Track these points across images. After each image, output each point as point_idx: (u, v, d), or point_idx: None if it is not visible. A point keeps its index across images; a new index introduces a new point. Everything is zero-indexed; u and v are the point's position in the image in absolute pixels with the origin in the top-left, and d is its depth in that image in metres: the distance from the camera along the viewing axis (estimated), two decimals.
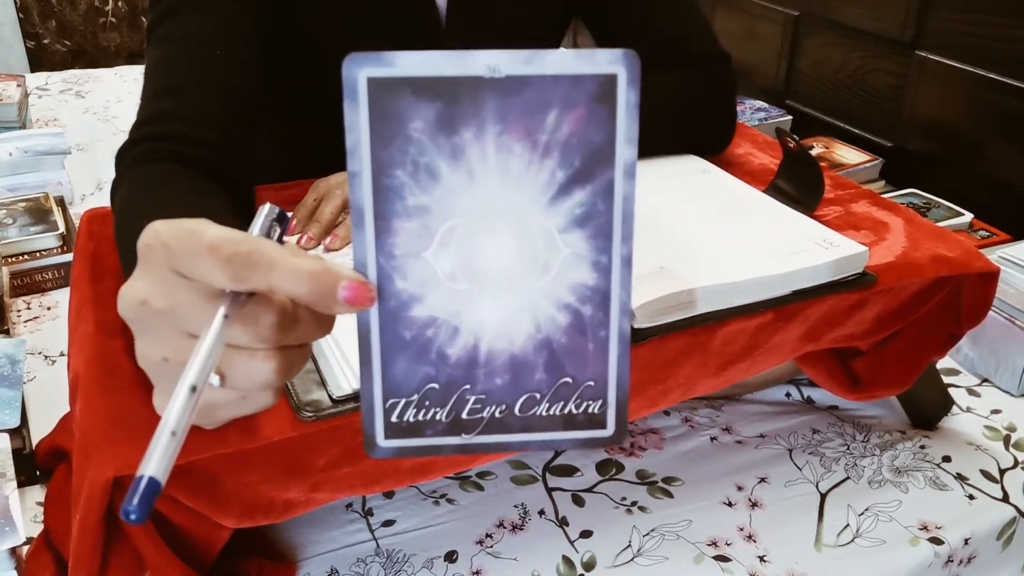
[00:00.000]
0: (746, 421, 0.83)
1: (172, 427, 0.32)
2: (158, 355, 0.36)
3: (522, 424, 0.39)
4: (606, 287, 0.37)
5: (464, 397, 0.38)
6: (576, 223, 0.36)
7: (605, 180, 0.35)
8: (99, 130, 1.56)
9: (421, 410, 0.38)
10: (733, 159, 0.89)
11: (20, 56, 2.78)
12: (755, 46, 1.79)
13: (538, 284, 0.37)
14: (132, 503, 0.30)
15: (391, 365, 0.37)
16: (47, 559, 0.62)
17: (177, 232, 0.34)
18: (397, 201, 0.35)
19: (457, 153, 0.35)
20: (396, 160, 0.35)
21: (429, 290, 0.36)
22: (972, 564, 0.73)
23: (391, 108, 0.34)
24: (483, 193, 0.35)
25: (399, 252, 0.36)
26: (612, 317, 0.37)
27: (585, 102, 0.34)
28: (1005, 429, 0.84)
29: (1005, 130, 1.30)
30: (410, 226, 0.36)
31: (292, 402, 0.54)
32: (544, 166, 0.35)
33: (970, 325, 0.74)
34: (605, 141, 0.35)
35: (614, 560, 0.68)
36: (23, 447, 0.73)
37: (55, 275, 1.03)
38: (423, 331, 0.37)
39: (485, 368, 0.38)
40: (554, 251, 0.36)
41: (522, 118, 0.34)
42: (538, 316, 0.37)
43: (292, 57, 0.82)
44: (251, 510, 0.54)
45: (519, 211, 0.36)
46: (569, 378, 0.38)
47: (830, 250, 0.66)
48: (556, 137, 0.35)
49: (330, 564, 0.66)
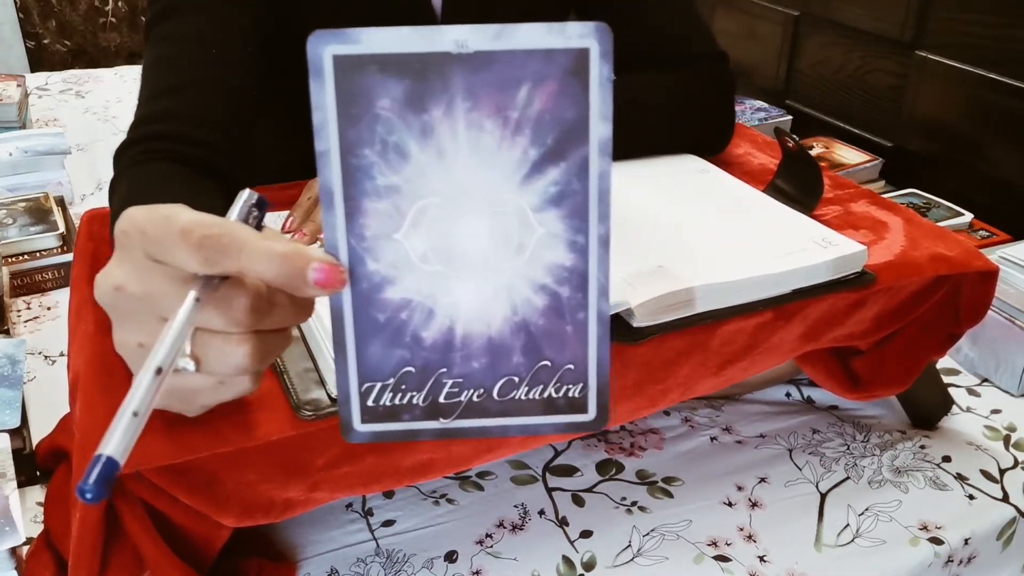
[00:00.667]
0: (746, 421, 0.83)
1: (134, 407, 0.32)
2: (134, 341, 0.36)
3: (501, 408, 0.38)
4: (584, 268, 0.36)
5: (441, 381, 0.37)
6: (551, 202, 0.35)
7: (579, 157, 0.35)
8: (99, 130, 1.56)
9: (397, 394, 0.37)
10: (732, 159, 0.89)
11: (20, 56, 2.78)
12: (755, 46, 1.79)
13: (513, 265, 0.36)
14: (88, 482, 0.30)
15: (366, 348, 0.37)
16: (47, 559, 0.62)
17: (152, 217, 0.35)
18: (367, 181, 0.35)
19: (427, 131, 0.34)
20: (364, 139, 0.34)
21: (402, 272, 0.36)
22: (972, 564, 0.73)
23: (358, 86, 0.33)
24: (454, 172, 0.34)
25: (370, 233, 0.35)
26: (590, 299, 0.36)
27: (557, 77, 0.34)
28: (1005, 429, 0.84)
29: (1005, 130, 1.30)
30: (380, 206, 0.35)
31: (291, 401, 0.55)
32: (516, 143, 0.34)
33: (969, 325, 0.74)
34: (579, 117, 0.34)
35: (614, 560, 0.68)
36: (23, 447, 0.73)
37: (55, 275, 1.03)
38: (397, 314, 0.36)
39: (461, 351, 0.37)
40: (529, 231, 0.35)
41: (492, 94, 0.34)
42: (514, 298, 0.36)
43: (291, 56, 0.82)
44: (250, 509, 0.54)
45: (492, 190, 0.35)
46: (548, 361, 0.37)
47: (829, 249, 0.66)
48: (528, 113, 0.34)
49: (330, 564, 0.66)
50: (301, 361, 0.57)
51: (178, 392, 0.36)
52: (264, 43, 0.75)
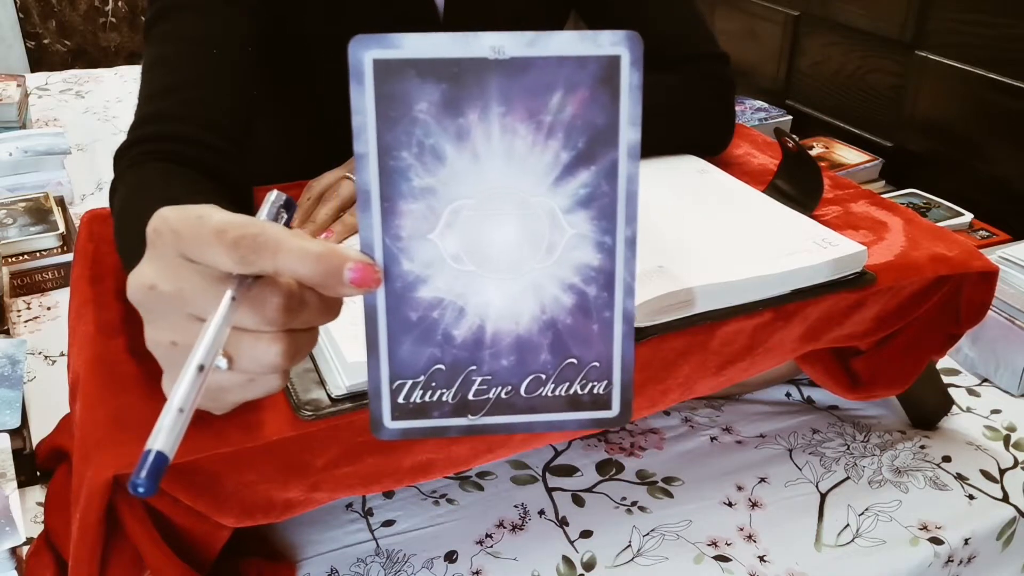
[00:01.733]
0: (746, 421, 0.83)
1: (179, 404, 0.32)
2: (167, 339, 0.37)
3: (528, 405, 0.39)
4: (610, 268, 0.37)
5: (470, 378, 0.38)
6: (580, 204, 0.36)
7: (609, 161, 0.36)
8: (99, 130, 1.56)
9: (427, 391, 0.38)
10: (732, 159, 0.89)
11: (20, 56, 2.78)
12: (755, 46, 1.79)
13: (543, 265, 0.37)
14: (140, 476, 0.31)
15: (397, 346, 0.37)
16: (47, 559, 0.62)
17: (185, 217, 0.35)
18: (403, 183, 0.35)
19: (462, 134, 0.35)
20: (402, 142, 0.35)
21: (435, 271, 0.36)
22: (972, 564, 0.73)
23: (397, 90, 0.34)
24: (488, 174, 0.35)
25: (405, 234, 0.36)
26: (616, 298, 0.37)
27: (589, 83, 0.35)
28: (1005, 429, 0.84)
29: (1005, 130, 1.30)
30: (416, 208, 0.36)
31: (292, 401, 0.55)
32: (548, 147, 0.35)
33: (969, 325, 0.74)
34: (609, 122, 0.35)
35: (614, 560, 0.68)
36: (23, 447, 0.73)
37: (55, 275, 1.03)
38: (429, 312, 0.37)
39: (491, 349, 0.38)
40: (558, 232, 0.36)
41: (526, 99, 0.35)
42: (543, 297, 0.37)
43: (291, 56, 0.82)
44: (251, 509, 0.54)
45: (523, 192, 0.36)
46: (574, 359, 0.38)
47: (829, 249, 0.66)
48: (560, 118, 0.35)
49: (330, 564, 0.66)
50: (301, 362, 0.57)
51: (209, 391, 0.37)
52: (264, 43, 0.75)
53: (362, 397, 0.54)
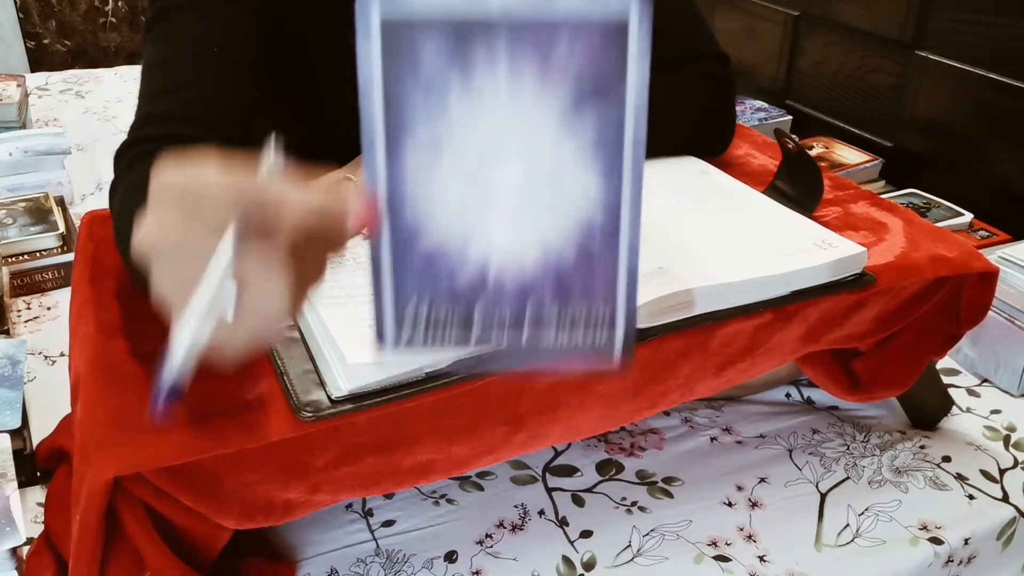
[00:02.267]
0: (746, 421, 0.83)
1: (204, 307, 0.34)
2: (173, 287, 0.37)
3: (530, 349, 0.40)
4: (615, 219, 0.38)
5: (472, 319, 0.39)
6: (586, 152, 0.37)
7: (616, 111, 0.36)
8: (99, 130, 1.56)
9: (430, 328, 0.39)
10: (732, 160, 0.89)
11: (20, 56, 2.78)
12: (755, 46, 1.79)
13: (547, 213, 0.37)
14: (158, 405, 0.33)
15: (402, 290, 0.39)
16: (47, 559, 0.62)
17: (186, 171, 0.36)
18: (408, 136, 0.36)
19: (469, 90, 0.35)
20: (408, 96, 0.36)
21: (439, 217, 0.37)
22: (972, 564, 0.73)
23: (403, 46, 0.35)
24: (494, 120, 0.36)
25: (409, 180, 0.37)
26: (621, 249, 0.38)
27: (596, 42, 0.35)
28: (1005, 429, 0.84)
29: (1005, 130, 1.30)
30: (421, 156, 0.36)
31: (292, 403, 0.55)
32: (555, 96, 0.36)
33: (970, 325, 0.74)
34: (616, 72, 0.36)
35: (614, 560, 0.68)
36: (24, 448, 0.73)
37: (55, 275, 1.03)
38: (433, 256, 0.38)
39: (494, 292, 0.38)
40: (564, 180, 0.37)
41: (533, 59, 0.35)
42: (547, 244, 0.38)
43: (291, 56, 0.82)
44: (251, 511, 0.54)
45: (530, 139, 0.36)
46: (577, 305, 0.39)
47: (829, 251, 0.66)
48: (566, 76, 0.36)
49: (330, 564, 0.66)
50: (301, 363, 0.57)
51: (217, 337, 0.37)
52: (264, 43, 0.75)
53: (362, 398, 0.54)
